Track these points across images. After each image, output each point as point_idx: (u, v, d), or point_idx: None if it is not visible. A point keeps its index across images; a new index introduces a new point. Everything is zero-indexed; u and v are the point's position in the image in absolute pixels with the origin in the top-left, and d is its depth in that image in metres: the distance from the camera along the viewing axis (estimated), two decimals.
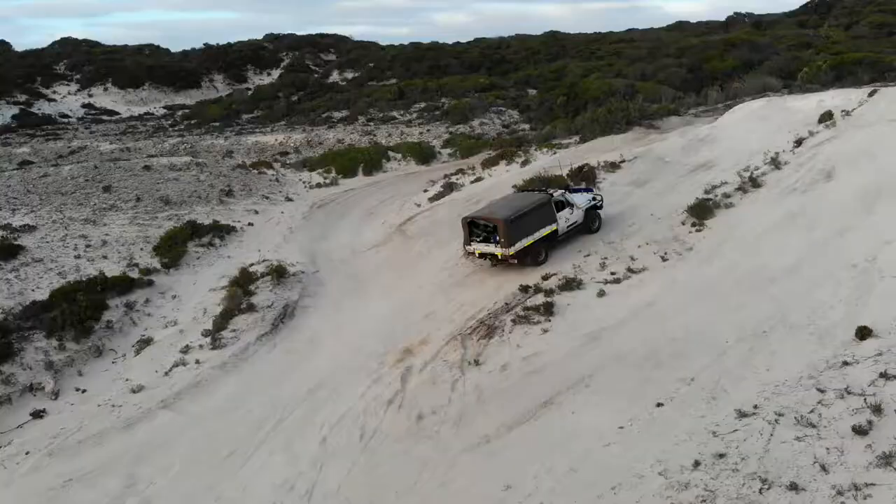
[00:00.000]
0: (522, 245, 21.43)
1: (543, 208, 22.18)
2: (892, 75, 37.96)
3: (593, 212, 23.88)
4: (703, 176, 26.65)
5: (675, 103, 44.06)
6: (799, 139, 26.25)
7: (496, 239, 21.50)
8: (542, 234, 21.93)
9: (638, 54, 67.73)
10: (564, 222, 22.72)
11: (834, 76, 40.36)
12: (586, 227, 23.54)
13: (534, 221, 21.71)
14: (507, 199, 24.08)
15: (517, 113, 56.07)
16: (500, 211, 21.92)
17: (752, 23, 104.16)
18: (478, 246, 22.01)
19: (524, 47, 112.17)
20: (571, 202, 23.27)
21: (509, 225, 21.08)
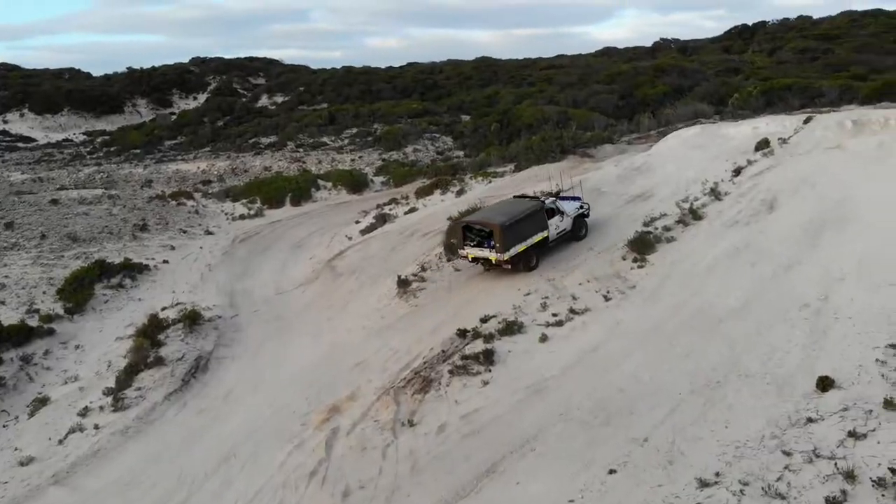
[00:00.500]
0: (516, 251, 21.52)
1: (537, 215, 22.38)
2: (821, 101, 38.44)
3: (581, 220, 24.16)
4: (641, 207, 25.88)
5: (608, 131, 43.79)
6: (737, 168, 25.79)
7: (490, 244, 21.57)
8: (534, 240, 22.07)
9: (569, 80, 67.91)
10: (555, 229, 22.96)
11: (764, 102, 40.70)
12: (574, 235, 23.79)
13: (527, 228, 21.91)
14: (500, 204, 24.11)
15: (451, 139, 55.17)
16: (496, 216, 21.96)
17: (678, 48, 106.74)
18: (471, 250, 22.09)
19: (456, 73, 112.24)
20: (562, 210, 23.49)
21: (505, 230, 21.14)
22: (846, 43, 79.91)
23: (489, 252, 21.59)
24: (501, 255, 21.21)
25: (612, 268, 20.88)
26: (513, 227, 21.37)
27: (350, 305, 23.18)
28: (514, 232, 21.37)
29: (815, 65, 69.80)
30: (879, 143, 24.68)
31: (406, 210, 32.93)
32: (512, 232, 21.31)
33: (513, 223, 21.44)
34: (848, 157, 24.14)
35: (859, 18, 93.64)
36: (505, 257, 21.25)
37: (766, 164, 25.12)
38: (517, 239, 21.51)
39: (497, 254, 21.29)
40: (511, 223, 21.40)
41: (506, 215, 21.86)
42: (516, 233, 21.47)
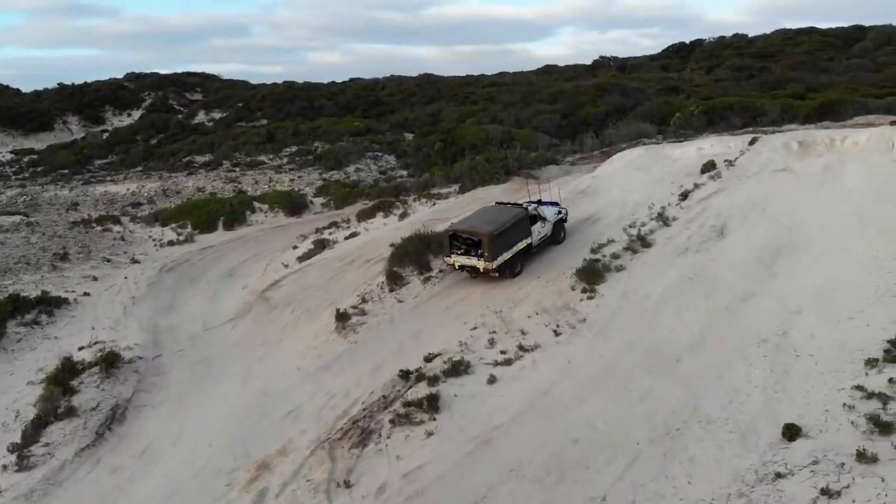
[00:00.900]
0: (503, 259, 21.59)
1: (522, 222, 22.43)
2: (763, 120, 38.62)
3: (560, 224, 24.51)
4: (589, 232, 25.07)
5: (551, 150, 43.27)
6: (684, 192, 25.23)
7: (478, 252, 21.58)
8: (519, 247, 22.18)
9: (511, 99, 67.59)
10: (537, 235, 23.13)
11: (706, 121, 40.75)
12: (554, 239, 24.12)
13: (513, 235, 21.96)
14: (486, 211, 23.97)
15: (394, 158, 53.98)
16: (484, 225, 21.84)
17: (618, 66, 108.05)
18: (458, 258, 22.09)
19: (399, 89, 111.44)
20: (543, 216, 23.76)
21: (494, 239, 21.14)
22: (782, 61, 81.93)
23: (476, 260, 21.55)
24: (490, 263, 21.21)
25: (562, 299, 19.90)
26: (501, 235, 21.38)
27: (284, 342, 21.64)
28: (501, 240, 21.40)
29: (752, 82, 71.13)
30: (826, 165, 24.48)
31: (347, 234, 31.50)
32: (500, 240, 21.33)
33: (501, 231, 21.42)
34: (796, 180, 23.82)
35: (793, 37, 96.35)
36: (493, 266, 21.27)
37: (714, 188, 24.62)
38: (504, 247, 21.55)
39: (485, 262, 21.27)
40: (499, 232, 21.36)
41: (493, 223, 21.75)
42: (504, 241, 21.52)
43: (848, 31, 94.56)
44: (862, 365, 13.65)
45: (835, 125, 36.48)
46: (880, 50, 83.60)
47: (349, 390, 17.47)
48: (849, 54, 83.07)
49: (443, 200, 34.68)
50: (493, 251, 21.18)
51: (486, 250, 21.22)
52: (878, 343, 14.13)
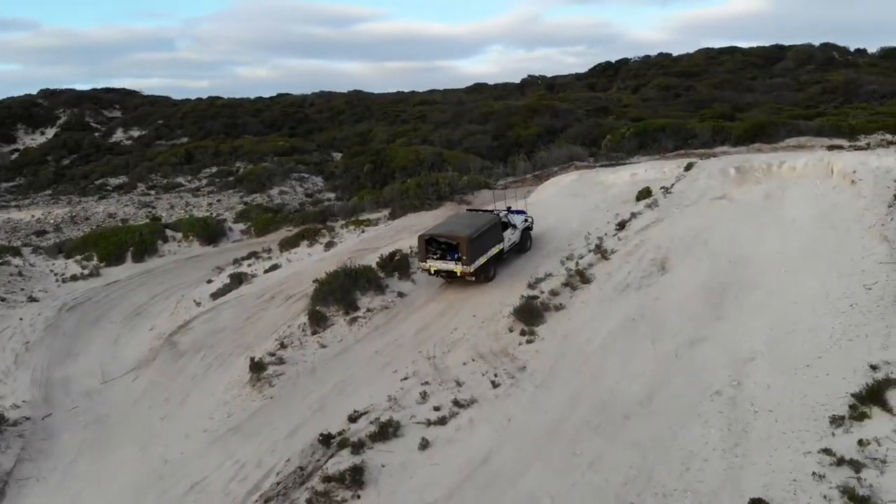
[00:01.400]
0: (480, 262, 21.97)
1: (495, 228, 22.98)
2: (695, 142, 38.26)
3: (527, 232, 24.97)
4: (523, 264, 23.75)
5: (483, 173, 42.01)
6: (621, 221, 24.13)
7: (455, 256, 21.82)
8: (493, 252, 22.67)
9: (442, 118, 66.34)
10: (508, 242, 23.72)
11: (637, 143, 40.18)
12: (522, 247, 24.59)
13: (488, 240, 22.43)
14: (460, 217, 24.54)
15: (321, 180, 51.81)
16: (462, 229, 22.08)
17: (546, 85, 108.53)
18: (434, 263, 22.26)
19: (328, 106, 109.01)
20: (513, 223, 24.31)
21: (472, 243, 21.44)
22: (706, 80, 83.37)
23: (454, 265, 21.79)
24: (468, 267, 21.51)
25: (499, 343, 18.33)
26: (478, 239, 21.76)
27: (191, 398, 19.38)
28: (478, 244, 21.79)
29: (678, 102, 71.95)
30: (766, 193, 23.80)
31: (267, 267, 29.29)
32: (477, 244, 21.69)
33: (478, 236, 21.80)
34: (736, 209, 23.01)
35: (716, 56, 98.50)
36: (471, 269, 21.59)
37: (652, 218, 23.57)
38: (481, 251, 21.98)
39: (463, 266, 21.54)
40: (477, 236, 21.73)
41: (470, 228, 22.07)
42: (480, 245, 21.92)
43: (769, 50, 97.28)
44: (827, 423, 12.48)
45: (767, 147, 36.37)
46: (801, 69, 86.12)
47: (262, 458, 15.44)
48: (771, 73, 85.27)
49: (372, 228, 32.87)
50: (471, 255, 21.42)
51: (464, 254, 21.42)
52: (841, 396, 13.01)
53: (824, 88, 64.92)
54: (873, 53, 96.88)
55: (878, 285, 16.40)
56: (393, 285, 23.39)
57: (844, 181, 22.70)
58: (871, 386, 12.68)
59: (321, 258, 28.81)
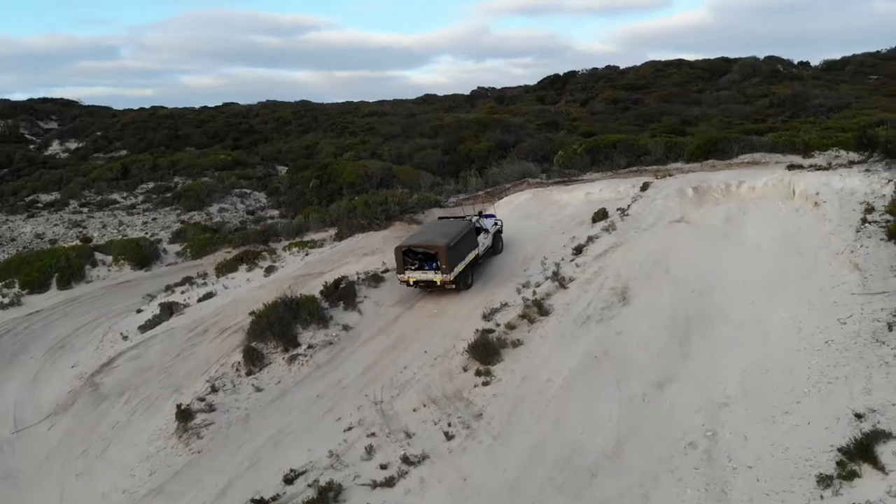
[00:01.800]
0: (459, 270, 21.72)
1: (470, 234, 22.79)
2: (647, 158, 37.52)
3: (498, 235, 25.00)
4: (478, 292, 22.34)
5: (434, 189, 40.61)
6: (578, 246, 22.94)
7: (433, 266, 21.55)
8: (469, 258, 22.43)
9: (392, 131, 64.85)
10: (482, 246, 23.55)
11: (590, 160, 39.26)
12: (495, 249, 24.64)
13: (465, 247, 22.21)
14: (435, 225, 24.43)
15: (265, 196, 49.65)
16: (439, 238, 21.77)
17: (496, 98, 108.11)
18: (413, 274, 21.91)
19: (274, 117, 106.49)
20: (486, 227, 24.31)
21: (450, 251, 21.18)
22: (654, 92, 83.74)
23: (433, 274, 21.52)
24: (447, 275, 21.27)
25: (452, 384, 16.87)
26: (455, 247, 21.52)
27: (112, 450, 17.39)
28: (456, 251, 21.54)
29: (627, 115, 71.90)
30: (726, 216, 22.90)
31: (201, 295, 27.27)
32: (455, 252, 21.45)
33: (455, 243, 21.56)
34: (697, 233, 22.02)
35: (663, 68, 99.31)
36: (451, 277, 21.35)
37: (610, 242, 22.42)
38: (459, 258, 21.74)
39: (443, 275, 21.31)
40: (454, 243, 21.49)
41: (447, 236, 21.77)
42: (458, 252, 21.69)
43: (715, 63, 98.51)
44: (813, 483, 11.32)
45: (721, 164, 35.77)
46: (746, 82, 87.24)
47: None
48: (717, 86, 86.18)
49: (317, 250, 31.09)
50: (450, 262, 21.17)
51: (443, 262, 21.18)
52: (826, 450, 11.89)
53: (772, 101, 65.54)
54: (816, 66, 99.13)
55: (853, 319, 15.44)
56: (337, 317, 21.72)
57: (807, 203, 21.95)
58: (859, 440, 11.58)
59: (260, 285, 26.95)
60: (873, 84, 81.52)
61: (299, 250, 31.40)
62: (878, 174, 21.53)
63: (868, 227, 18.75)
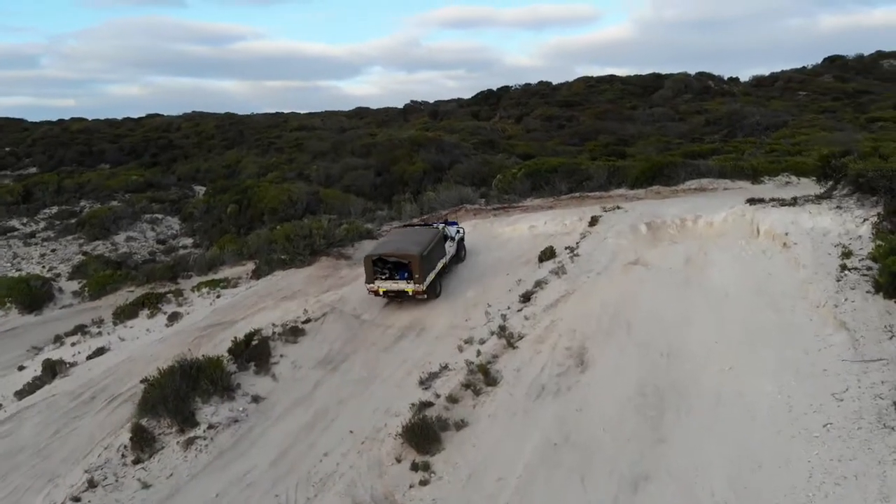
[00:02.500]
0: (430, 279, 21.26)
1: (440, 242, 22.41)
2: (590, 184, 35.43)
3: (461, 242, 24.58)
4: (414, 348, 19.57)
5: (365, 216, 37.62)
6: (526, 293, 20.35)
7: (404, 275, 21.09)
8: (439, 267, 22.05)
9: (321, 148, 61.50)
10: (448, 255, 23.00)
11: (530, 185, 37.03)
12: (458, 257, 24.13)
13: (435, 255, 21.83)
14: (404, 233, 23.62)
15: (179, 222, 45.60)
16: (411, 246, 21.28)
17: (429, 112, 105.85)
18: (383, 284, 21.38)
19: (196, 131, 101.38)
20: (452, 236, 23.85)
21: (423, 260, 20.77)
22: (588, 109, 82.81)
23: (405, 283, 21.03)
24: (420, 285, 20.82)
25: (383, 481, 13.91)
26: (427, 255, 21.04)
27: None
28: (428, 260, 21.09)
29: (562, 133, 70.49)
30: (686, 257, 20.68)
31: (93, 350, 23.55)
32: (427, 260, 20.99)
33: (427, 252, 21.10)
34: (656, 278, 19.68)
35: (596, 84, 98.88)
36: (423, 287, 20.91)
37: (561, 289, 19.88)
38: (430, 267, 21.32)
39: (415, 284, 20.86)
40: (426, 252, 21.02)
41: (419, 245, 21.30)
42: (429, 261, 21.22)
43: (646, 78, 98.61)
44: None
45: (667, 190, 33.97)
46: (679, 98, 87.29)
47: None
48: (650, 102, 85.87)
49: (230, 291, 27.68)
50: (423, 272, 20.72)
51: (416, 272, 20.72)
52: None
53: (707, 120, 64.99)
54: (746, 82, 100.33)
55: (850, 395, 13.21)
56: (247, 384, 18.49)
57: (775, 244, 19.92)
58: None
59: (161, 337, 23.41)
60: (803, 100, 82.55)
61: (210, 291, 27.90)
62: (851, 212, 19.64)
63: (849, 276, 16.72)
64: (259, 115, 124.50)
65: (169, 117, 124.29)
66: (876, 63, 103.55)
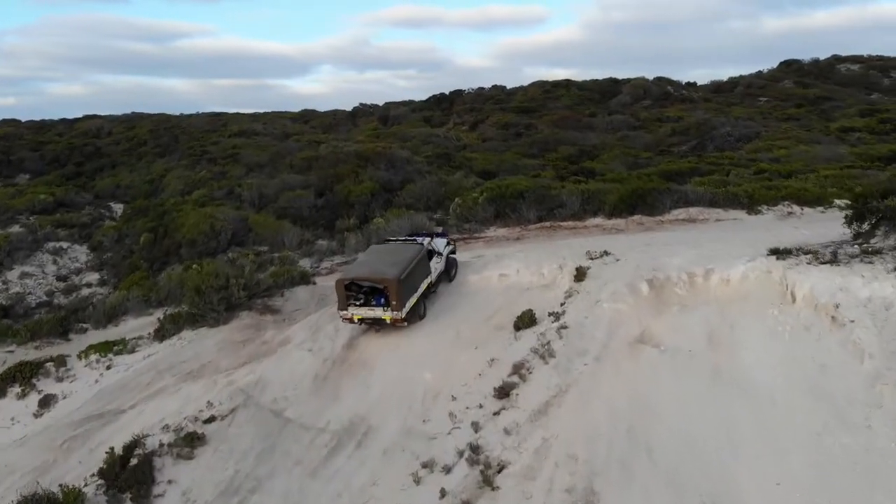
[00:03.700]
0: (411, 305, 18.43)
1: (423, 261, 19.41)
2: (562, 212, 30.80)
3: (451, 258, 21.57)
4: (353, 471, 14.51)
5: (302, 249, 32.30)
6: (503, 386, 15.40)
7: (380, 301, 18.26)
8: (422, 288, 19.14)
9: (258, 160, 55.67)
10: (435, 273, 20.18)
11: (493, 212, 32.26)
12: (447, 275, 21.11)
13: (417, 276, 18.87)
14: (381, 252, 20.21)
15: (88, 251, 39.35)
16: (387, 269, 18.34)
17: (379, 116, 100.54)
18: (357, 311, 18.45)
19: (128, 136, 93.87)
20: (439, 250, 20.86)
21: (401, 284, 17.85)
22: (545, 116, 78.49)
23: (381, 311, 18.28)
24: (398, 313, 18.06)
25: None
26: (407, 278, 18.32)
27: None
28: (408, 284, 18.40)
29: (521, 142, 65.94)
30: (706, 333, 15.93)
31: None
32: (407, 284, 18.32)
33: (407, 275, 18.32)
34: (674, 367, 14.92)
35: (552, 90, 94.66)
36: (402, 315, 18.16)
37: (551, 384, 14.98)
38: (412, 290, 18.64)
39: (393, 312, 18.09)
40: (405, 275, 18.24)
41: (396, 266, 18.47)
42: (410, 284, 18.53)
43: (603, 84, 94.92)
44: None
45: (650, 221, 29.57)
46: (638, 104, 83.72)
47: None
48: (609, 108, 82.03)
49: (126, 358, 22.20)
50: (401, 298, 18.00)
51: (393, 298, 17.98)
52: None
53: (674, 129, 61.17)
54: (704, 86, 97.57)
55: None
56: None
57: (820, 318, 15.32)
58: None
59: (24, 436, 17.94)
60: (765, 107, 79.81)
61: (101, 358, 22.26)
62: None
63: None
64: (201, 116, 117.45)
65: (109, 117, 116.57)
66: (833, 67, 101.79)
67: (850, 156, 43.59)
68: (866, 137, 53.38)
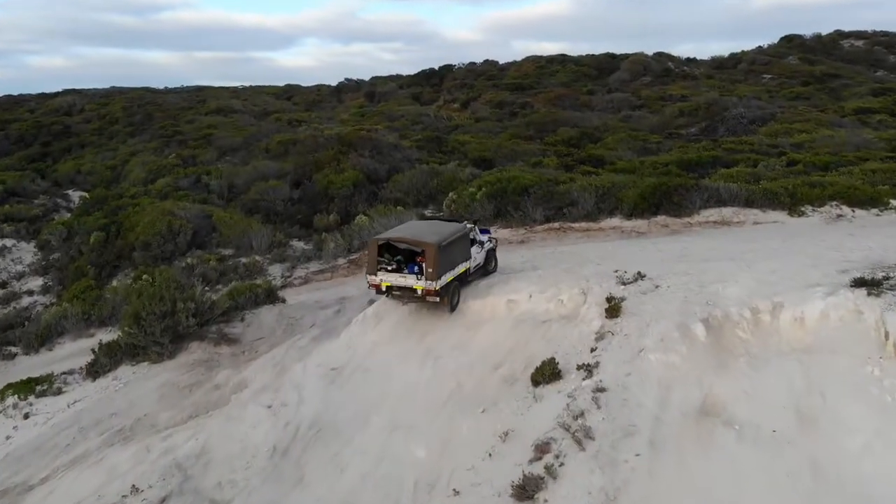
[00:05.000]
0: (447, 280, 16.43)
1: (464, 239, 17.57)
2: (572, 211, 26.73)
3: (492, 252, 19.25)
4: None
5: (272, 253, 28.12)
6: (523, 481, 11.36)
7: (414, 269, 16.51)
8: (459, 270, 17.13)
9: (231, 143, 51.09)
10: (474, 261, 18.08)
11: (493, 210, 28.17)
12: (486, 269, 18.90)
13: (457, 253, 17.09)
14: (421, 223, 19.26)
15: (35, 250, 34.86)
16: (429, 235, 16.58)
17: (366, 93, 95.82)
18: (387, 277, 16.65)
19: (100, 114, 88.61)
20: (481, 240, 18.78)
21: (440, 251, 16.00)
22: (540, 94, 73.99)
23: (414, 279, 16.18)
24: (432, 283, 15.83)
25: None
26: (447, 248, 16.28)
27: None
28: (447, 255, 16.30)
29: (516, 123, 61.63)
30: (793, 403, 11.97)
31: None
32: (445, 255, 16.20)
33: (448, 244, 16.33)
34: (760, 463, 10.96)
35: (546, 66, 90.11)
36: (437, 286, 15.92)
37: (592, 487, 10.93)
38: (449, 265, 16.49)
39: (427, 281, 15.88)
40: (446, 244, 16.25)
41: (438, 234, 16.44)
42: (449, 257, 16.42)
43: (601, 59, 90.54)
44: None
45: (677, 223, 25.64)
46: (637, 81, 79.40)
47: None
48: (606, 85, 77.66)
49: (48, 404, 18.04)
50: (439, 267, 15.85)
51: (430, 265, 15.82)
52: None
53: (681, 110, 56.91)
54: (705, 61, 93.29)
55: None
56: None
57: None
58: None
59: None
60: (770, 84, 75.67)
61: (19, 402, 18.17)
62: None
63: None
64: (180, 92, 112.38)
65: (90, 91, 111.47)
66: (836, 43, 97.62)
67: (878, 141, 39.59)
68: (888, 120, 49.39)
